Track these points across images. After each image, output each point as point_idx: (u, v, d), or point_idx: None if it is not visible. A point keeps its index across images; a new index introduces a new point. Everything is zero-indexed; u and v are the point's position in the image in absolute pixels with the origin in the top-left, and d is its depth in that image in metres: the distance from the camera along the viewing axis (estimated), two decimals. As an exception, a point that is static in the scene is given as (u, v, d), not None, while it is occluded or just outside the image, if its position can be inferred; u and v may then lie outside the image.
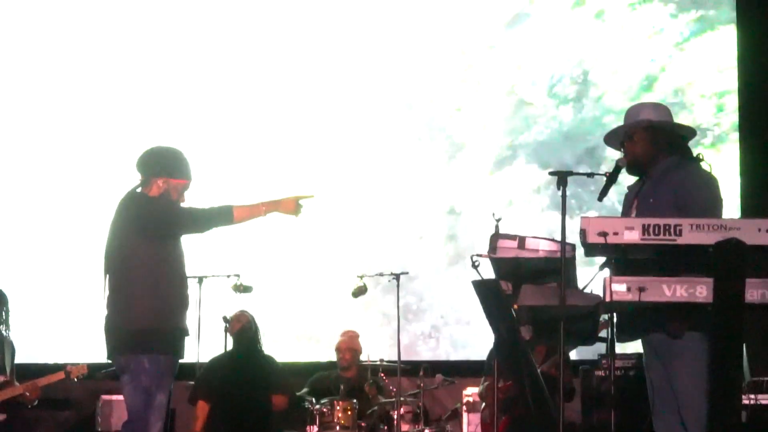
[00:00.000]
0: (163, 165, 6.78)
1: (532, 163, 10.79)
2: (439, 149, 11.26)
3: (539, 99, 11.20)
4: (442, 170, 11.17)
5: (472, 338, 10.33)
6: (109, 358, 6.72)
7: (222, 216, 6.72)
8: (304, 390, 9.98)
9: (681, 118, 8.66)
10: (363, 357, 10.17)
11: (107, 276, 6.73)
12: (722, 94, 10.92)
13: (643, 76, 11.05)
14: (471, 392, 10.03)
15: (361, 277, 9.55)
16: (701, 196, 5.76)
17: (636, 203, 6.02)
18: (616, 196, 6.51)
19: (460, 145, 11.21)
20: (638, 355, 8.69)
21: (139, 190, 6.78)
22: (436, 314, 10.96)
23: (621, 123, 6.19)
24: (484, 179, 10.98)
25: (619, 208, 6.26)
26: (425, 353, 10.83)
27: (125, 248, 6.64)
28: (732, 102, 10.86)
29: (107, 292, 6.71)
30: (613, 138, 6.19)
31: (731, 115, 10.87)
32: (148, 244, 6.59)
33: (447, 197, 11.11)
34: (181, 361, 6.75)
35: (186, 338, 6.75)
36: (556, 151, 10.74)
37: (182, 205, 6.78)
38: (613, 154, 6.38)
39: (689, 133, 6.13)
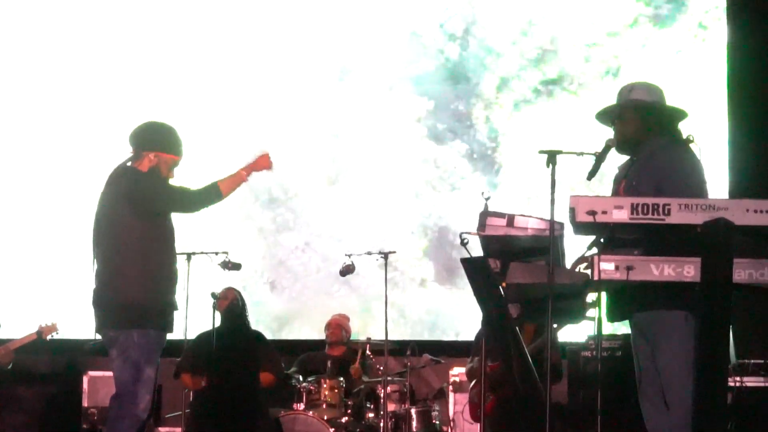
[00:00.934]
0: (156, 139, 6.85)
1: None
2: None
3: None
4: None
5: (460, 318, 10.35)
6: (97, 331, 6.77)
7: (211, 194, 6.78)
8: (292, 368, 10.03)
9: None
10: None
11: (96, 249, 6.78)
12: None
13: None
14: (458, 372, 10.08)
15: (350, 256, 9.57)
16: (682, 182, 5.72)
17: (624, 184, 6.04)
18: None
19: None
20: (625, 336, 8.73)
21: (129, 164, 6.82)
22: (425, 293, 10.96)
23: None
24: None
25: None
26: (413, 333, 10.84)
27: (115, 222, 6.68)
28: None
29: (96, 266, 6.76)
30: (604, 116, 6.21)
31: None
32: (138, 219, 6.63)
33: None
34: (168, 336, 6.79)
35: (174, 313, 6.81)
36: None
37: (172, 182, 6.82)
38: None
39: (680, 114, 6.13)
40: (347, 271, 9.56)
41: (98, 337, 6.79)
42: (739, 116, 10.91)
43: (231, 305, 9.39)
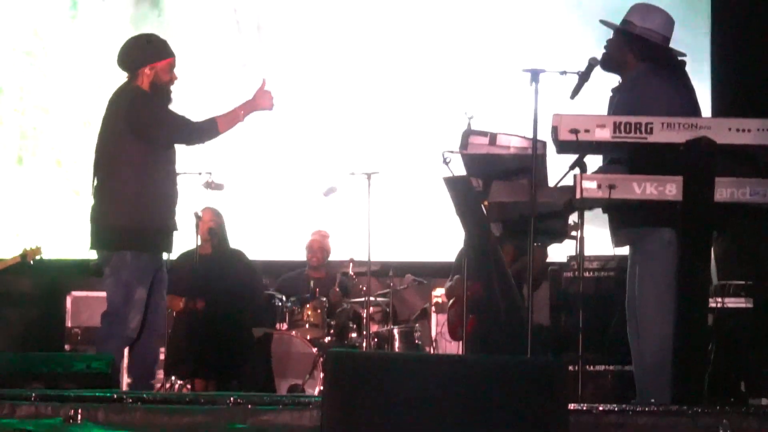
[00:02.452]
0: (141, 53, 6.87)
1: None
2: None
3: None
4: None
5: (443, 238, 10.34)
6: (91, 248, 6.84)
7: (209, 129, 6.86)
8: (274, 288, 10.04)
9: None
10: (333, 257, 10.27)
11: (95, 168, 6.85)
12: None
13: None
14: (440, 293, 10.13)
15: (332, 177, 9.55)
16: (662, 112, 5.70)
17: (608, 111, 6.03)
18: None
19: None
20: (608, 258, 8.78)
21: (132, 84, 6.85)
22: (408, 213, 10.95)
23: None
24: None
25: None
26: (396, 254, 10.84)
27: (114, 144, 6.74)
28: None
29: (95, 184, 6.83)
30: (608, 25, 6.17)
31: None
32: (137, 142, 6.66)
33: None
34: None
35: (174, 233, 6.89)
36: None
37: (174, 111, 6.82)
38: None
39: (677, 52, 6.06)
40: (330, 191, 9.53)
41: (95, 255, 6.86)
42: (722, 32, 10.91)
43: (211, 226, 9.39)
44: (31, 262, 9.22)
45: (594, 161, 5.77)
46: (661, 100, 5.67)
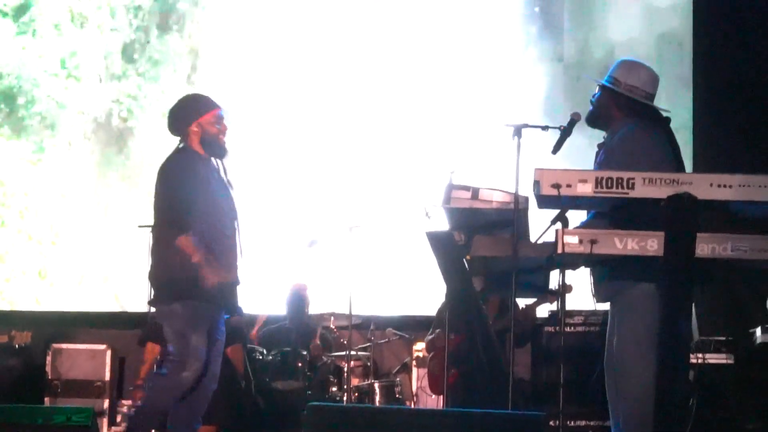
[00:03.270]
0: (185, 112, 6.95)
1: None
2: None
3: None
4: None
5: (424, 293, 10.35)
6: (150, 305, 7.31)
7: (185, 249, 6.78)
8: (255, 342, 10.00)
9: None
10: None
11: (153, 228, 7.13)
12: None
13: None
14: (421, 347, 10.11)
15: (314, 229, 9.56)
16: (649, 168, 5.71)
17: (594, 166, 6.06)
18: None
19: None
20: (590, 313, 8.80)
21: (181, 145, 6.95)
22: (389, 267, 10.95)
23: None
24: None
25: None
26: (377, 308, 10.83)
27: (156, 202, 6.94)
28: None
29: (151, 243, 7.13)
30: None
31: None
32: None
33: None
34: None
35: (232, 287, 6.95)
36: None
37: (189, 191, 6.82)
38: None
39: (654, 107, 6.08)
40: (313, 244, 9.54)
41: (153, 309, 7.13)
42: (703, 90, 11.00)
43: None
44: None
45: (576, 215, 5.79)
46: (646, 157, 5.68)
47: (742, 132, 10.67)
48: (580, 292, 6.43)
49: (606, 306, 5.98)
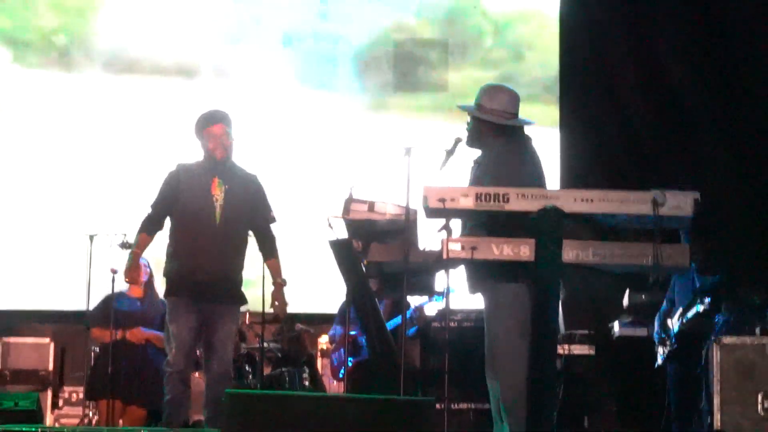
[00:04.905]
0: (196, 126, 7.11)
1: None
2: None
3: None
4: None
5: (328, 292, 10.38)
6: None
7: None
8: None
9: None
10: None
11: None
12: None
13: None
14: (325, 340, 10.11)
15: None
16: (518, 183, 5.73)
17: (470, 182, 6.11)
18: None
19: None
20: (470, 311, 8.89)
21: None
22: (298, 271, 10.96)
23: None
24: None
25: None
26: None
27: None
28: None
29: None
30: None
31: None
32: None
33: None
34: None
35: (216, 285, 6.99)
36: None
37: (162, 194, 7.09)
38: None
39: (522, 123, 6.13)
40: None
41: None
42: (569, 109, 11.19)
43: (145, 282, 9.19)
44: None
45: (459, 225, 5.86)
46: (515, 174, 5.75)
47: (602, 146, 10.90)
48: (461, 294, 6.50)
49: (482, 305, 6.04)
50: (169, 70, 11.36)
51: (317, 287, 10.68)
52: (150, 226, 7.12)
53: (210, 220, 6.95)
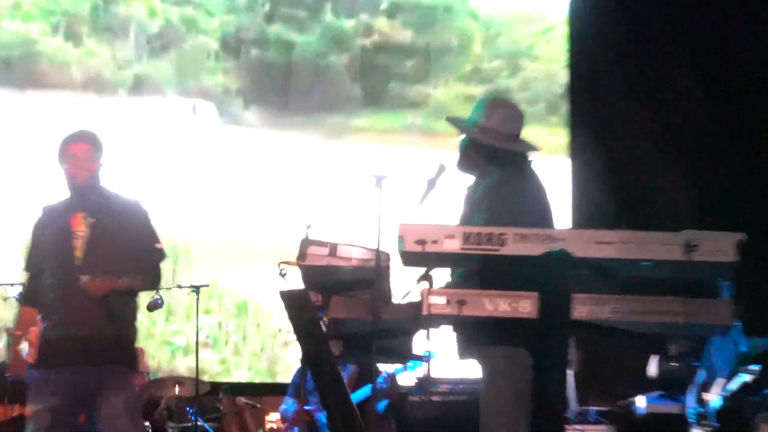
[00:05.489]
0: (58, 151, 6.99)
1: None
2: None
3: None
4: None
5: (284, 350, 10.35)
6: None
7: None
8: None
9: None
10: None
11: None
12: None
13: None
14: (275, 418, 10.01)
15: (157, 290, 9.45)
16: (520, 219, 5.66)
17: (462, 214, 6.06)
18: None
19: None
20: (458, 381, 8.81)
21: None
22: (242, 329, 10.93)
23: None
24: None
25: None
26: (228, 372, 10.77)
27: None
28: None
29: None
30: (454, 122, 6.21)
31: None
32: None
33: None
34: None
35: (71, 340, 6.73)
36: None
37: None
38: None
39: (525, 149, 6.14)
40: (155, 306, 9.42)
41: None
42: (582, 133, 11.19)
43: None
44: None
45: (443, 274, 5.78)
46: (511, 210, 5.71)
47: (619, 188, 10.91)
48: (446, 360, 6.43)
49: (473, 373, 5.97)
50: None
51: (266, 350, 10.63)
52: (29, 295, 6.95)
53: (69, 261, 6.76)
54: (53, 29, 11.37)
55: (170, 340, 10.96)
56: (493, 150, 5.95)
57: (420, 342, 6.09)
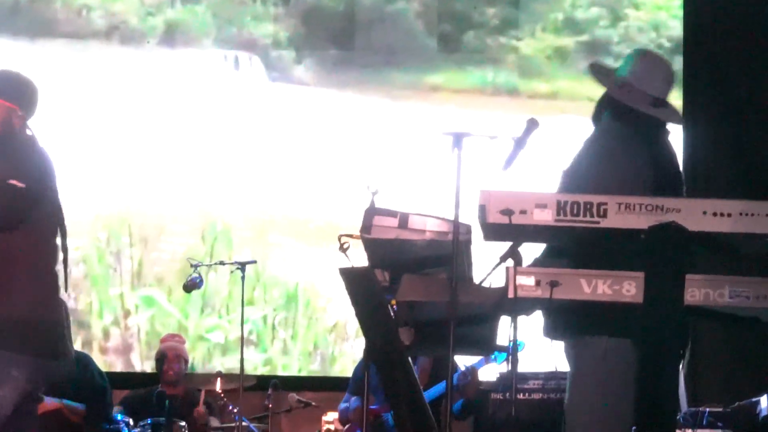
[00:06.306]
0: None
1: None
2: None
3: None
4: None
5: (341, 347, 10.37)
6: None
7: None
8: (117, 408, 9.87)
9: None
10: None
11: None
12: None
13: None
14: (332, 418, 10.03)
15: (195, 267, 9.50)
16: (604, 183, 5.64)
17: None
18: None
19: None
20: (548, 375, 8.78)
21: None
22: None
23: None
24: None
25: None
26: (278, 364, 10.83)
27: None
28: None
29: None
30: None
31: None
32: None
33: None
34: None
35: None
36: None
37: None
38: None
39: (667, 118, 6.05)
40: (193, 286, 9.49)
41: None
42: (697, 94, 11.16)
43: None
44: None
45: (532, 250, 5.74)
46: (624, 174, 5.65)
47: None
48: (535, 351, 6.41)
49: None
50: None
51: (320, 348, 10.68)
52: None
53: None
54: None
55: (206, 336, 11.01)
56: (633, 114, 5.88)
57: (505, 330, 6.07)
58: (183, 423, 9.53)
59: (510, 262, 5.51)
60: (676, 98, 11.08)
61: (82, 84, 10.97)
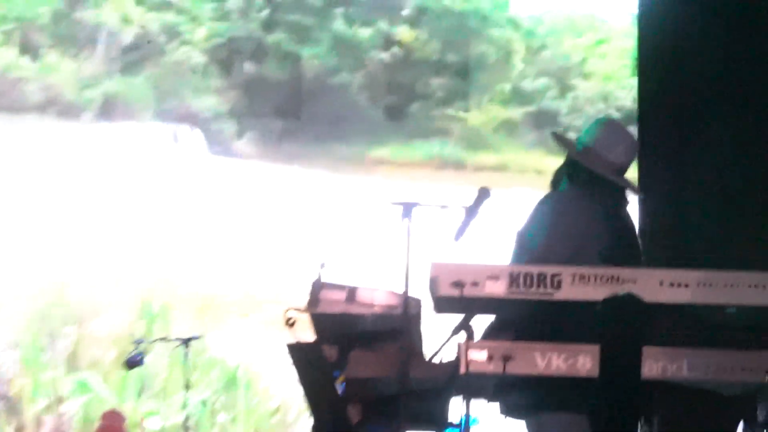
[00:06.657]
0: None
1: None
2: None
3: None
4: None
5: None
6: None
7: None
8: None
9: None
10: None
11: None
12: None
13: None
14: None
15: (137, 344, 9.48)
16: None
17: None
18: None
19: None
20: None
21: None
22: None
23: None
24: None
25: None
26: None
27: None
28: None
29: None
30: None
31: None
32: None
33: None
34: None
35: None
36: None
37: None
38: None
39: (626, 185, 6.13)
40: (134, 363, 9.46)
41: None
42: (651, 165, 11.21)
43: None
44: None
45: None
46: (578, 241, 5.68)
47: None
48: (491, 424, 6.41)
49: None
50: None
51: (266, 421, 10.67)
52: None
53: None
54: (6, 39, 11.39)
55: (143, 424, 10.97)
56: (590, 176, 5.92)
57: (457, 406, 6.07)
58: None
59: (462, 336, 5.53)
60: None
61: (17, 158, 10.96)
